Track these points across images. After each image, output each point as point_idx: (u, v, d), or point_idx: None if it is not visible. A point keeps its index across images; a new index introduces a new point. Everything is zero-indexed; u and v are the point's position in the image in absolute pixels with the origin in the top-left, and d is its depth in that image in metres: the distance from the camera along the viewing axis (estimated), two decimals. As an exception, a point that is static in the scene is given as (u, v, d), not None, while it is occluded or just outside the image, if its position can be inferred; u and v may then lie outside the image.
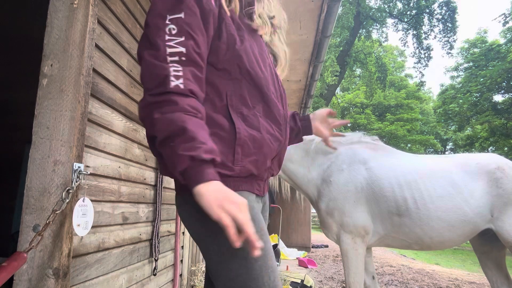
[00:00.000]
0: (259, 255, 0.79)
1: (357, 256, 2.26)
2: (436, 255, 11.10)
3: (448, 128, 24.19)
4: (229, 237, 0.72)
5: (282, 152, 1.01)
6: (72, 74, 1.32)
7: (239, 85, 0.91)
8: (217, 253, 0.84)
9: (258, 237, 0.79)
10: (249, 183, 0.92)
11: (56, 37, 1.33)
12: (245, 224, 0.73)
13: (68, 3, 1.35)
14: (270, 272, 0.83)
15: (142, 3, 1.98)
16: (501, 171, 2.33)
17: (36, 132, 1.29)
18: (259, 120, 0.91)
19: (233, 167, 0.86)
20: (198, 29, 0.83)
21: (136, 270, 1.96)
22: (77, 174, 1.29)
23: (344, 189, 2.29)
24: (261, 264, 0.82)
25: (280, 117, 0.96)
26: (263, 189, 1.00)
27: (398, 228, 2.27)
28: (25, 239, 1.22)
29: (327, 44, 3.52)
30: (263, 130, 0.91)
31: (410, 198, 2.26)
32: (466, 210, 2.24)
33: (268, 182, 1.13)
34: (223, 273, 0.84)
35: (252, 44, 0.95)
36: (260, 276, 0.81)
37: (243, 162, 0.88)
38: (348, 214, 2.25)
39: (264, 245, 0.82)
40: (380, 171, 2.34)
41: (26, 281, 1.20)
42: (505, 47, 16.21)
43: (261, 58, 0.97)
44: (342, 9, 14.15)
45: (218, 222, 0.73)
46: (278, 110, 0.96)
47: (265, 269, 0.82)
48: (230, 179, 0.87)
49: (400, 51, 30.16)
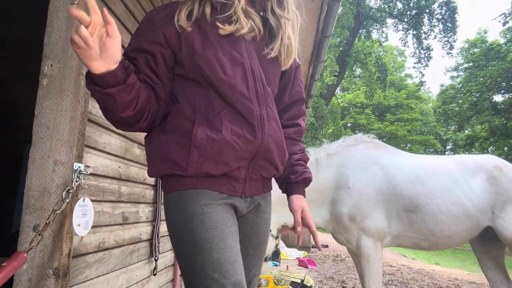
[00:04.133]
0: (202, 248, 0.85)
1: (379, 260, 2.25)
2: (436, 255, 11.10)
3: (448, 128, 24.21)
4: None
5: (265, 152, 0.98)
6: (72, 74, 1.32)
7: (207, 92, 0.95)
8: (176, 252, 0.94)
9: (196, 227, 0.87)
10: (212, 183, 0.94)
11: (56, 37, 1.33)
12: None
13: (68, 3, 1.35)
14: (216, 265, 0.84)
15: (142, 3, 1.98)
16: (498, 170, 2.38)
17: (36, 132, 1.29)
18: (223, 123, 0.92)
19: (187, 168, 0.91)
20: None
21: (136, 270, 1.96)
22: (77, 174, 1.29)
23: (365, 193, 2.30)
24: (204, 257, 0.85)
25: (254, 117, 0.95)
26: (242, 190, 0.99)
27: (410, 225, 2.28)
28: (25, 239, 1.22)
29: (327, 44, 3.52)
30: (226, 132, 0.91)
31: (421, 193, 2.29)
32: (469, 205, 2.28)
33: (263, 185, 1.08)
34: (180, 270, 0.93)
35: (219, 47, 0.95)
36: (203, 270, 0.84)
37: (199, 164, 0.91)
38: (370, 218, 2.26)
39: (213, 237, 0.87)
40: (392, 169, 2.36)
41: (26, 281, 1.20)
42: (505, 47, 16.22)
43: (230, 60, 0.96)
44: (342, 9, 14.16)
45: (178, 223, 0.91)
46: (250, 110, 0.95)
47: (209, 262, 0.84)
48: (187, 179, 0.93)
49: (400, 51, 30.18)
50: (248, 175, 0.99)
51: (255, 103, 0.96)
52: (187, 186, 0.93)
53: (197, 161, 0.91)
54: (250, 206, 1.05)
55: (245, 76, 0.97)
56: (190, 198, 0.92)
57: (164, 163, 0.93)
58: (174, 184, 0.95)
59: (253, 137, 0.94)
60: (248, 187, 1.01)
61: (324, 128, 15.97)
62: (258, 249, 1.08)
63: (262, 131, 0.96)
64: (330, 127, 16.83)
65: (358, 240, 2.28)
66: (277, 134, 1.02)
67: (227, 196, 0.97)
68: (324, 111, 14.34)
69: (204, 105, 0.94)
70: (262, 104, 0.98)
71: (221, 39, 0.97)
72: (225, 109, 0.94)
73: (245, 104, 0.95)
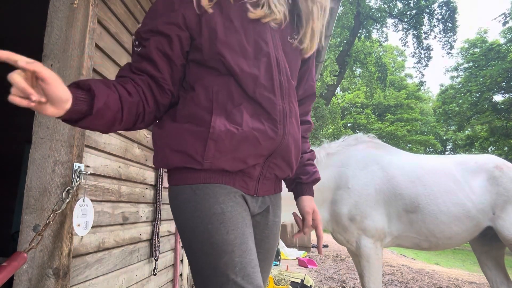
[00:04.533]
0: (224, 251, 0.80)
1: (378, 261, 2.25)
2: (436, 255, 11.10)
3: (448, 128, 24.22)
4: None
5: (283, 151, 0.91)
6: (72, 74, 1.32)
7: (227, 82, 0.87)
8: (188, 248, 0.87)
9: (217, 228, 0.81)
10: (226, 177, 0.88)
11: (56, 37, 1.33)
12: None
13: (68, 3, 1.35)
14: (238, 270, 0.80)
15: (142, 3, 1.98)
16: (499, 170, 2.37)
17: (36, 132, 1.29)
18: (243, 116, 0.85)
19: (202, 163, 0.84)
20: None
21: (136, 270, 1.96)
22: (77, 174, 1.29)
23: (365, 193, 2.29)
24: (226, 260, 0.80)
25: (276, 112, 0.88)
26: (255, 188, 0.94)
27: (411, 225, 2.28)
28: (25, 239, 1.22)
29: (327, 44, 3.52)
30: (247, 126, 0.84)
31: (421, 193, 2.28)
32: (469, 206, 2.27)
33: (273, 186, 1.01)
34: (192, 268, 0.87)
35: (244, 34, 0.88)
36: (225, 273, 0.80)
37: (215, 158, 0.84)
38: (370, 218, 2.25)
39: (234, 240, 0.81)
40: (393, 169, 2.36)
41: (26, 281, 1.20)
42: (505, 47, 16.22)
43: (255, 49, 0.89)
44: (342, 9, 14.16)
45: (194, 220, 0.83)
46: (273, 104, 0.88)
47: (232, 266, 0.80)
48: (201, 172, 0.86)
49: (400, 51, 30.19)
50: (262, 173, 0.93)
51: (278, 97, 0.89)
52: (201, 180, 0.86)
53: (213, 156, 0.84)
54: (262, 207, 0.99)
55: (270, 68, 0.89)
56: (206, 194, 0.86)
57: (176, 154, 0.86)
58: (186, 177, 0.87)
59: (274, 133, 0.88)
60: (261, 186, 0.95)
61: (324, 128, 15.96)
62: (269, 254, 1.03)
63: (283, 128, 0.90)
64: (330, 127, 16.83)
65: (358, 240, 2.28)
66: (296, 133, 0.95)
67: (240, 192, 0.91)
68: (324, 111, 14.34)
69: (223, 96, 0.87)
70: (286, 99, 0.91)
71: (247, 25, 0.89)
72: (246, 102, 0.87)
73: (268, 97, 0.88)
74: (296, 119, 0.96)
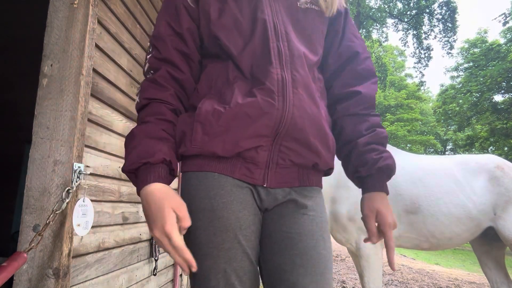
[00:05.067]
0: (209, 254, 0.75)
1: (378, 261, 2.24)
2: (436, 255, 11.10)
3: (448, 128, 24.22)
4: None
5: (291, 129, 0.77)
6: (72, 74, 1.32)
7: (226, 65, 0.82)
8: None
9: (205, 226, 0.76)
10: (222, 164, 0.78)
11: (56, 37, 1.33)
12: (176, 249, 0.68)
13: (68, 3, 1.35)
14: (221, 277, 0.74)
15: (142, 3, 1.98)
16: (500, 170, 2.36)
17: (36, 132, 1.29)
18: (234, 94, 0.77)
19: (190, 148, 0.78)
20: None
21: (136, 270, 1.96)
22: (77, 174, 1.29)
23: None
24: (210, 265, 0.75)
25: (272, 81, 0.76)
26: (263, 177, 0.79)
27: (411, 226, 2.27)
28: (25, 239, 1.22)
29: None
30: (235, 103, 0.75)
31: (422, 194, 2.27)
32: (470, 207, 2.27)
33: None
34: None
35: (238, 9, 0.83)
36: (207, 277, 0.75)
37: (204, 142, 0.77)
38: None
39: (222, 243, 0.76)
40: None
41: (26, 281, 1.20)
42: (505, 47, 16.22)
43: (251, 19, 0.82)
44: (342, 9, 14.15)
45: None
46: (267, 73, 0.77)
47: (215, 272, 0.74)
48: (193, 159, 0.81)
49: (400, 51, 30.20)
50: (272, 159, 0.79)
51: (276, 65, 0.78)
52: (194, 167, 0.80)
53: (201, 140, 0.77)
54: (285, 197, 0.82)
55: (266, 35, 0.80)
56: (196, 185, 0.78)
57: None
58: (181, 164, 0.84)
59: (270, 106, 0.75)
60: (274, 176, 0.80)
61: (324, 128, 15.95)
62: (308, 255, 0.78)
63: (283, 99, 0.76)
64: (330, 127, 16.82)
65: (357, 240, 2.28)
66: (310, 107, 0.79)
67: (244, 183, 0.79)
68: (324, 111, 14.35)
69: (221, 80, 0.82)
70: (286, 67, 0.78)
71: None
72: (240, 80, 0.79)
73: (263, 67, 0.78)
74: (308, 91, 0.80)
